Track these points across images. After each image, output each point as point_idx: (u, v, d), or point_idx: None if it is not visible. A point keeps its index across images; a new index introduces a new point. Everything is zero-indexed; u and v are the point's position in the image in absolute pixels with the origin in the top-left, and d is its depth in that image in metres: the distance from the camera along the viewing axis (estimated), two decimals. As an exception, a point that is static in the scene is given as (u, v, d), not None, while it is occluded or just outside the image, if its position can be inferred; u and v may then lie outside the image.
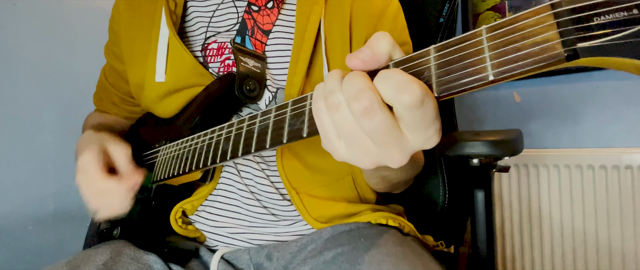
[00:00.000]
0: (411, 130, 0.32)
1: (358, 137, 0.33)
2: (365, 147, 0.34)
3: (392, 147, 0.33)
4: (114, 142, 0.63)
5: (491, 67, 0.26)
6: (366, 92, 0.31)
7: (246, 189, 0.67)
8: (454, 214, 0.89)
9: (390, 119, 0.31)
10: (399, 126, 0.32)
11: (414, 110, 0.30)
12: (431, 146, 0.34)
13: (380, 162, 0.35)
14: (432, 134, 0.33)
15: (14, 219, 1.16)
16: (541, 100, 1.36)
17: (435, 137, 0.33)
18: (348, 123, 0.33)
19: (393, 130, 0.32)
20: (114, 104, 0.85)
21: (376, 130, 0.32)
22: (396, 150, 0.33)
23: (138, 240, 0.65)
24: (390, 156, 0.34)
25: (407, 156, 0.34)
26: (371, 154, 0.34)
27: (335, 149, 0.36)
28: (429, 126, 0.32)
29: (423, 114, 0.31)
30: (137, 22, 0.73)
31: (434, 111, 0.31)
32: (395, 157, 0.34)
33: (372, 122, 0.31)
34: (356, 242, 0.58)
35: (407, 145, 0.33)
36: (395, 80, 0.31)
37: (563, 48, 0.23)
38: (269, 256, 0.67)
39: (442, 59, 0.30)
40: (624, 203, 1.19)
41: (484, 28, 0.27)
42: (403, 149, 0.33)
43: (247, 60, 0.65)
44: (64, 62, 1.24)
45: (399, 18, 0.74)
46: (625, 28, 0.21)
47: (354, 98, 0.31)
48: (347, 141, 0.34)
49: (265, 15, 0.69)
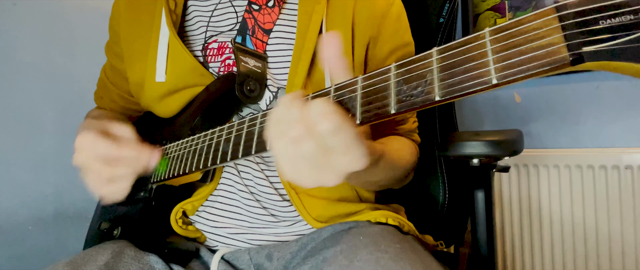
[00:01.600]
0: (336, 154, 0.37)
1: (297, 161, 0.39)
2: (304, 170, 0.39)
3: (324, 169, 0.38)
4: (118, 123, 0.62)
5: (495, 71, 0.26)
6: (297, 123, 0.37)
7: (246, 190, 0.67)
8: (454, 214, 0.89)
9: (318, 145, 0.36)
10: (327, 151, 0.37)
11: (332, 136, 0.35)
12: (360, 167, 0.38)
13: (318, 182, 0.39)
14: (357, 157, 0.37)
15: (14, 219, 1.16)
16: (541, 100, 1.36)
17: (361, 160, 0.38)
18: (288, 149, 0.38)
19: (321, 155, 0.37)
20: (114, 102, 0.84)
21: (306, 155, 0.37)
22: (328, 172, 0.38)
23: (138, 240, 0.65)
24: (323, 177, 0.39)
25: (340, 176, 0.39)
26: (308, 176, 0.39)
27: (284, 171, 0.40)
28: (351, 150, 0.37)
29: (342, 140, 0.36)
30: (138, 21, 0.72)
31: (352, 137, 0.36)
32: (328, 178, 0.39)
33: (302, 149, 0.37)
34: (355, 239, 0.58)
35: (337, 167, 0.38)
36: (319, 109, 0.36)
37: (568, 52, 0.23)
38: (269, 256, 0.67)
39: (445, 62, 0.29)
40: (624, 203, 1.19)
41: (487, 31, 0.27)
42: (333, 170, 0.38)
43: (248, 59, 0.64)
44: (64, 62, 1.24)
45: (401, 18, 0.73)
46: (631, 32, 0.21)
47: (288, 127, 0.38)
48: (289, 165, 0.40)
49: (266, 15, 0.68)
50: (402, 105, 0.31)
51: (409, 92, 0.31)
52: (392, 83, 0.33)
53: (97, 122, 0.63)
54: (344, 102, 0.37)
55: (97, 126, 0.59)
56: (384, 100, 0.33)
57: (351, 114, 0.36)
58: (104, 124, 0.61)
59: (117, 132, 0.60)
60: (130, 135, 0.61)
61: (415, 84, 0.30)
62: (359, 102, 0.35)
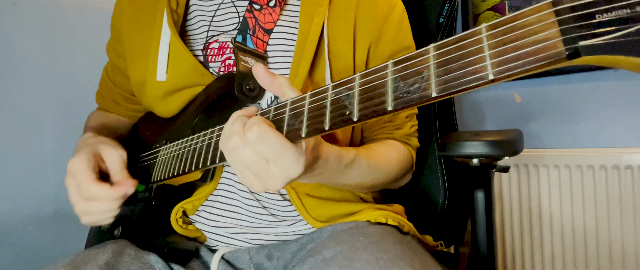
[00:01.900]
0: (270, 161, 0.41)
1: (241, 169, 0.44)
2: (249, 176, 0.44)
3: (264, 175, 0.42)
4: (110, 146, 0.62)
5: (491, 66, 0.26)
6: (234, 135, 0.42)
7: (246, 189, 0.67)
8: (454, 214, 0.89)
9: (253, 154, 0.41)
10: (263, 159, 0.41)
11: (258, 145, 0.40)
12: (295, 174, 0.42)
13: (265, 187, 0.44)
14: (287, 164, 0.41)
15: (14, 219, 1.16)
16: (541, 100, 1.36)
17: (292, 167, 0.41)
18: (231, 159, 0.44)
19: (258, 162, 0.41)
20: (115, 102, 0.84)
21: (244, 163, 0.42)
22: (268, 178, 0.42)
23: (139, 240, 0.65)
24: (267, 182, 0.43)
25: (281, 182, 0.43)
26: (255, 181, 0.44)
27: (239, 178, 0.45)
28: (281, 157, 0.41)
29: (267, 148, 0.40)
30: (139, 20, 0.72)
31: (278, 146, 0.40)
32: (270, 183, 0.43)
33: (240, 158, 0.42)
34: (355, 240, 0.58)
35: (274, 173, 0.42)
36: (249, 123, 0.41)
37: (564, 46, 0.23)
38: (270, 256, 0.67)
39: (442, 58, 0.29)
40: (624, 203, 1.19)
41: (483, 26, 0.27)
42: (272, 176, 0.42)
43: (248, 59, 0.65)
44: (64, 62, 1.24)
45: (403, 22, 0.73)
46: (627, 26, 0.21)
47: (227, 139, 0.43)
48: (238, 172, 0.44)
49: (267, 14, 0.69)
50: (399, 102, 0.31)
51: (406, 89, 0.31)
52: (389, 80, 0.32)
53: (93, 139, 0.65)
54: (341, 100, 0.37)
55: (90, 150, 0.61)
56: (381, 97, 0.33)
57: (348, 111, 0.36)
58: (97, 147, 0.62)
59: (106, 158, 0.61)
60: (118, 164, 0.61)
61: (412, 81, 0.30)
62: (356, 99, 0.35)
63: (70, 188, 0.59)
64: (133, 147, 0.80)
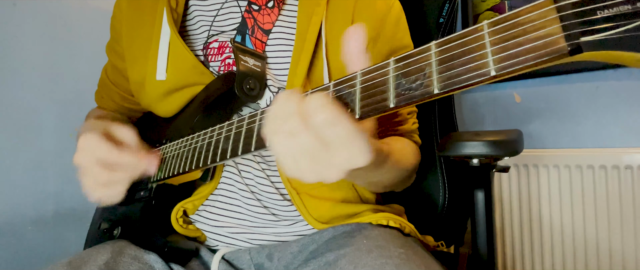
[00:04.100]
0: (334, 149, 0.36)
1: (296, 157, 0.38)
2: (303, 165, 0.38)
3: (323, 164, 0.37)
4: (120, 124, 0.61)
5: (493, 63, 0.26)
6: (293, 116, 0.36)
7: (247, 189, 0.67)
8: (454, 214, 0.89)
9: (315, 139, 0.36)
10: (326, 146, 0.36)
11: (328, 129, 0.35)
12: (359, 164, 0.37)
13: (319, 178, 0.39)
14: (356, 153, 0.36)
15: (14, 219, 1.16)
16: (541, 100, 1.36)
17: (362, 156, 0.37)
18: (286, 144, 0.37)
19: (319, 149, 0.36)
20: (115, 102, 0.84)
21: (303, 149, 0.36)
22: (327, 167, 0.37)
23: (139, 239, 0.65)
24: (324, 172, 0.38)
25: (340, 172, 0.38)
26: (309, 171, 0.38)
27: (285, 167, 0.40)
28: (349, 145, 0.36)
29: (340, 133, 0.35)
30: (139, 20, 0.72)
31: (350, 131, 0.35)
32: (328, 173, 0.38)
33: (299, 143, 0.36)
34: (358, 243, 0.57)
35: (335, 162, 0.37)
36: (315, 102, 0.35)
37: (566, 42, 0.23)
38: (270, 256, 0.66)
39: (444, 55, 0.29)
40: (624, 203, 1.19)
41: (485, 23, 0.27)
42: (332, 166, 0.37)
43: (247, 59, 0.65)
44: (64, 62, 1.24)
45: (401, 21, 0.74)
46: (629, 21, 0.21)
47: (283, 122, 0.37)
48: (289, 161, 0.39)
49: (265, 15, 0.69)
50: (401, 99, 0.31)
51: (408, 86, 0.31)
52: (391, 77, 0.33)
53: (101, 122, 0.63)
54: (343, 97, 0.37)
55: (101, 127, 0.59)
56: (383, 94, 0.33)
57: (350, 109, 0.36)
58: (107, 126, 0.60)
59: (119, 135, 0.60)
60: (132, 139, 0.61)
61: (414, 78, 0.30)
62: (358, 96, 0.35)
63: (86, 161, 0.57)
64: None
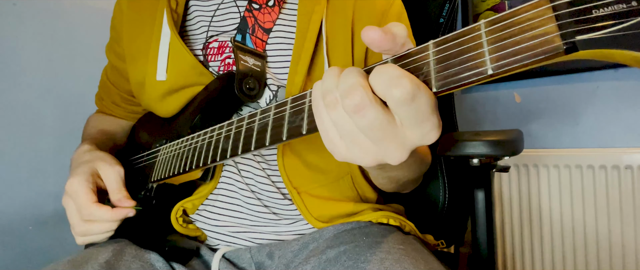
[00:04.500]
0: (407, 126, 0.31)
1: (356, 135, 0.33)
2: (364, 145, 0.33)
3: (390, 143, 0.32)
4: (107, 163, 0.63)
5: (490, 61, 0.26)
6: (357, 89, 0.31)
7: (247, 188, 0.67)
8: (454, 214, 0.89)
9: (384, 115, 0.31)
10: (394, 122, 0.31)
11: (405, 105, 0.30)
12: (430, 142, 0.33)
13: (380, 159, 0.34)
14: (429, 129, 0.32)
15: (14, 219, 1.16)
16: (541, 100, 1.36)
17: (433, 133, 0.32)
18: (345, 121, 0.32)
19: (387, 126, 0.31)
20: (115, 103, 0.85)
21: (370, 126, 0.31)
22: (394, 147, 0.33)
23: (139, 239, 0.65)
24: (389, 153, 0.33)
25: (406, 152, 0.33)
26: (370, 152, 0.33)
27: (337, 149, 0.35)
28: (424, 121, 0.31)
29: (416, 109, 0.30)
30: (139, 20, 0.73)
31: (428, 106, 0.30)
32: (394, 154, 0.33)
33: (365, 119, 0.31)
34: (358, 240, 0.58)
35: (405, 141, 0.32)
36: (387, 75, 0.30)
37: (562, 41, 0.23)
38: (271, 255, 0.67)
39: (441, 54, 0.30)
40: (624, 203, 1.19)
41: (482, 22, 0.28)
42: (401, 144, 0.33)
43: (247, 58, 0.65)
44: (64, 63, 1.24)
45: (402, 18, 0.74)
46: (624, 20, 0.21)
47: (345, 95, 0.31)
48: (347, 140, 0.34)
49: (266, 14, 0.69)
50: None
51: None
52: None
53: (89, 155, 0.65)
54: None
55: (87, 168, 0.61)
56: None
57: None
58: (96, 163, 0.62)
59: (104, 177, 0.62)
60: (116, 182, 0.62)
61: (412, 77, 0.30)
62: None
63: (69, 209, 0.59)
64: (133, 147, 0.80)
